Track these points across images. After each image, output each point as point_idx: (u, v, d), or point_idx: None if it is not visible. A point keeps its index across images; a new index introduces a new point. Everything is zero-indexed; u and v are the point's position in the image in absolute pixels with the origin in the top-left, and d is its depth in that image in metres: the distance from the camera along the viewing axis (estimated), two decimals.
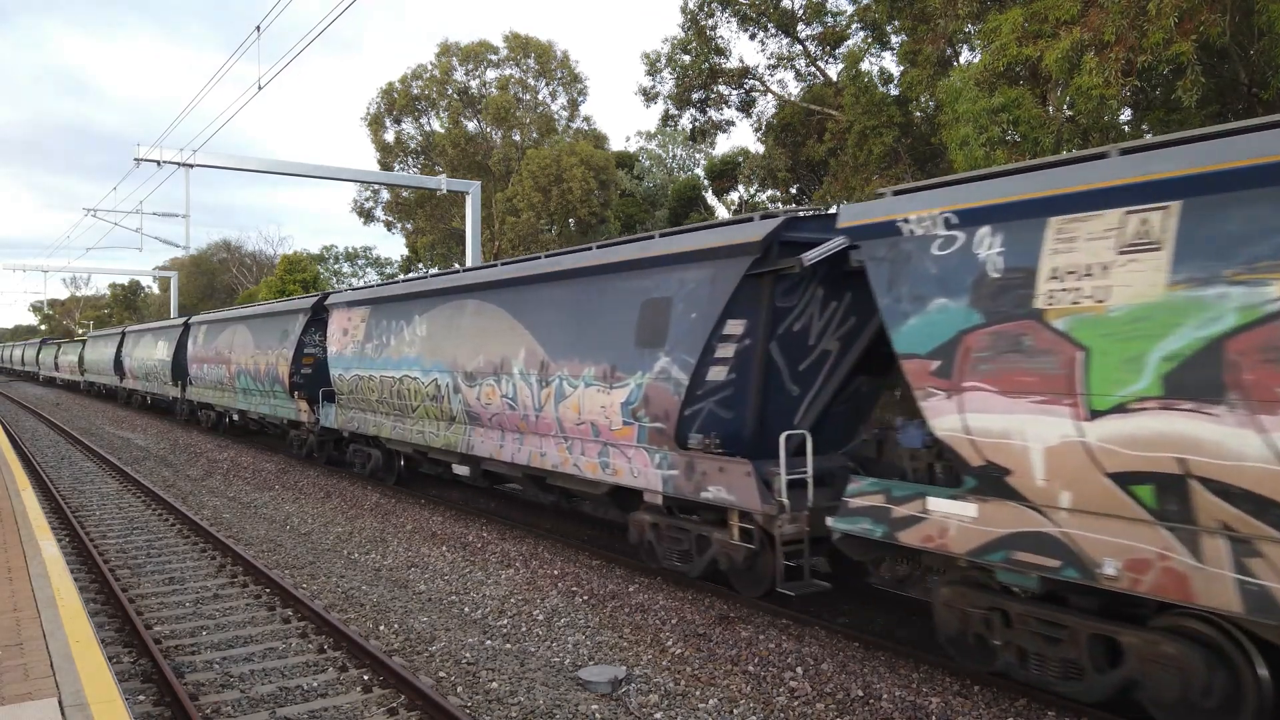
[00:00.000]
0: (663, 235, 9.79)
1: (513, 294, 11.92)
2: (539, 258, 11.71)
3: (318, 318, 19.09)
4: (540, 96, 40.13)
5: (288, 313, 20.59)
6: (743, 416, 9.12)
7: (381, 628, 8.55)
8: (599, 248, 10.72)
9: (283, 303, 21.97)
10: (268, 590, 9.65)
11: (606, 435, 10.14)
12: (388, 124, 41.02)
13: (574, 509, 13.91)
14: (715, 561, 9.16)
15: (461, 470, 13.70)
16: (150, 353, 32.65)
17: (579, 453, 10.68)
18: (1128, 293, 5.44)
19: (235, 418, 24.62)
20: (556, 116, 40.44)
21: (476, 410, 12.57)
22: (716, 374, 8.88)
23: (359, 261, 67.38)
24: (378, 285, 16.97)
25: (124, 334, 38.60)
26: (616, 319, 9.89)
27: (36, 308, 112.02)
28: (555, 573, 10.48)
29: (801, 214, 8.69)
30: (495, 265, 12.80)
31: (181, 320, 29.90)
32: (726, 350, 8.79)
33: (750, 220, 8.76)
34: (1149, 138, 6.19)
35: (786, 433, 8.36)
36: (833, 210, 8.88)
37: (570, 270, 10.83)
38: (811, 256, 8.13)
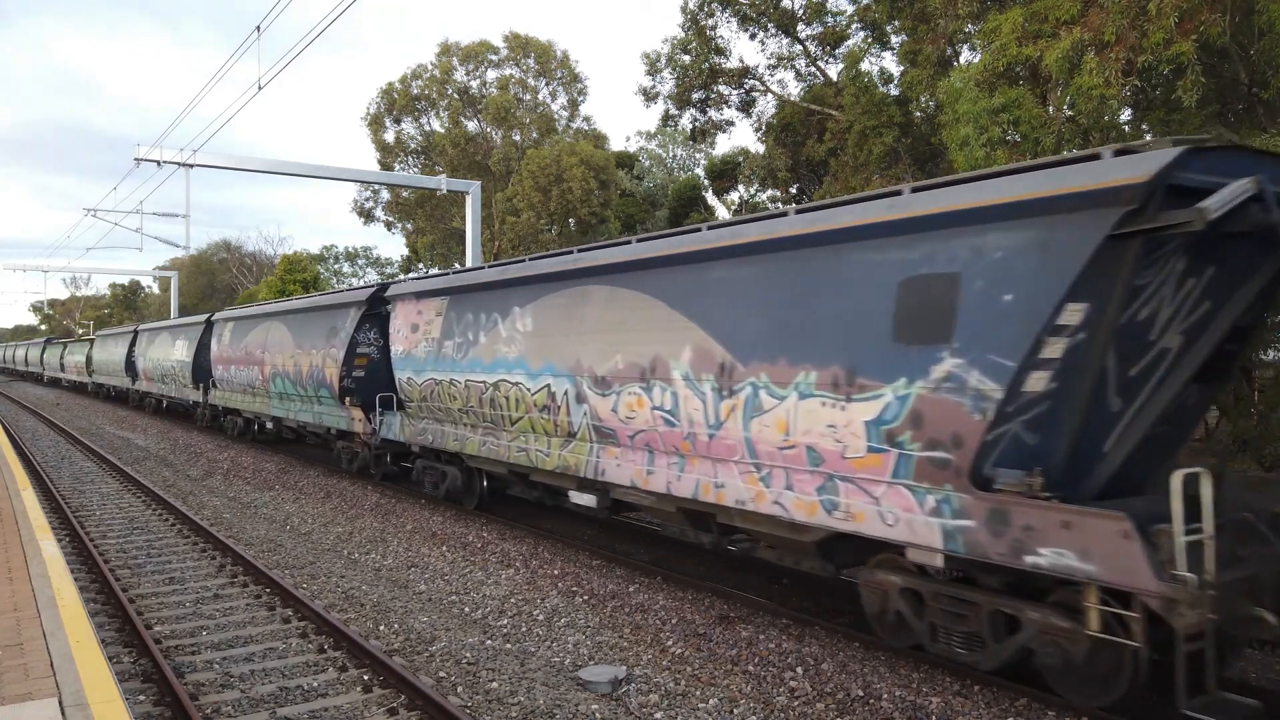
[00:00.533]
0: (941, 185, 6.95)
1: (669, 276, 9.26)
2: (700, 229, 9.10)
3: (374, 311, 16.67)
4: (540, 96, 40.15)
5: (337, 307, 17.84)
6: (1059, 442, 6.51)
7: (382, 628, 8.55)
8: (800, 213, 8.04)
9: (329, 295, 19.54)
10: (268, 590, 9.65)
11: (834, 464, 7.46)
12: (388, 124, 41.04)
13: (743, 557, 10.76)
14: (1029, 652, 6.63)
15: (583, 500, 10.99)
16: (167, 353, 30.55)
17: (782, 486, 7.96)
18: None
19: (268, 425, 22.38)
20: (556, 116, 40.46)
21: (611, 425, 10.05)
22: (1036, 383, 6.26)
23: (359, 261, 67.41)
24: (456, 271, 14.37)
25: (137, 332, 35.96)
26: (854, 306, 7.27)
27: (36, 308, 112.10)
28: (555, 573, 10.48)
29: (1207, 144, 5.99)
30: (632, 241, 10.06)
31: (204, 317, 27.60)
32: (1056, 348, 6.16)
33: (1099, 157, 6.02)
34: None
35: (1183, 471, 5.76)
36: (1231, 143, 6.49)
37: (770, 241, 8.14)
38: (1218, 205, 5.56)
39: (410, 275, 21.35)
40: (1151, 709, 6.06)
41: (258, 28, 16.28)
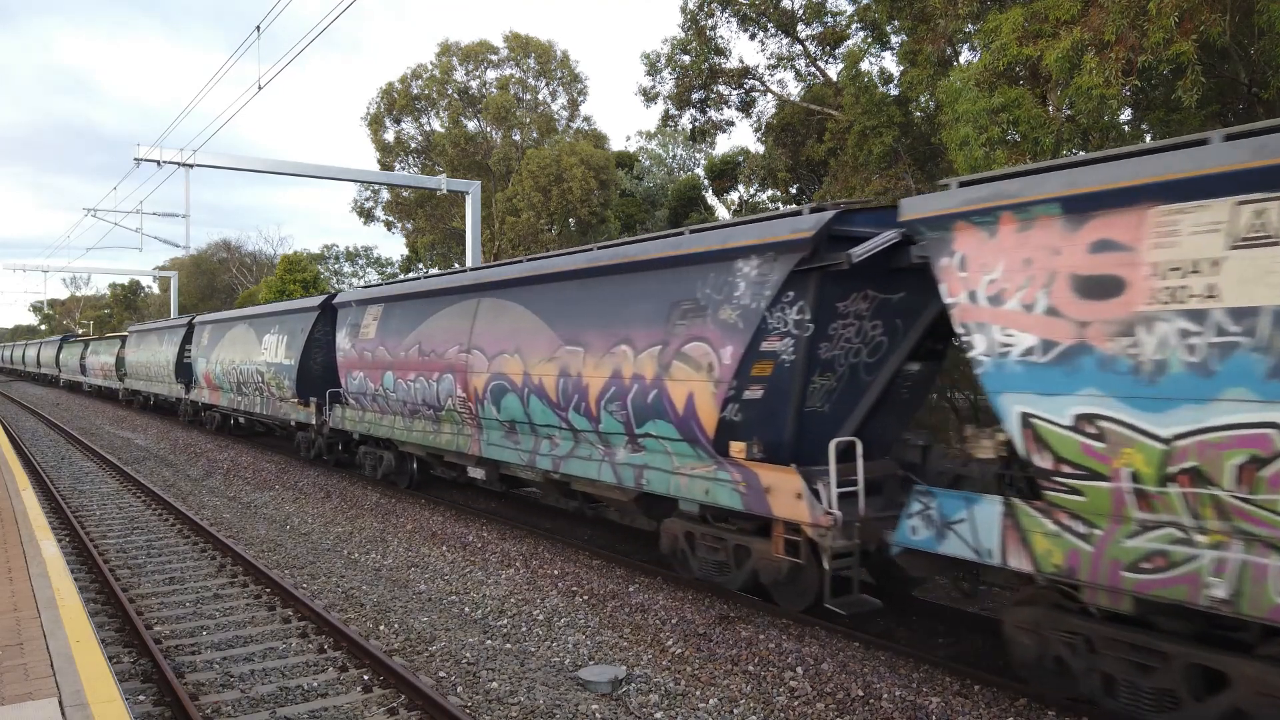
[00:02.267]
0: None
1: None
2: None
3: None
4: (540, 96, 40.14)
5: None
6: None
7: (382, 627, 8.55)
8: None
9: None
10: (268, 590, 9.65)
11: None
12: (388, 124, 41.03)
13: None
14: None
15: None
16: (246, 354, 22.18)
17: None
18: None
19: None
20: (556, 116, 40.45)
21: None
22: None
23: (359, 261, 67.41)
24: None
25: (192, 325, 28.02)
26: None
27: (36, 308, 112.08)
28: (555, 573, 10.47)
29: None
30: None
31: (315, 302, 19.75)
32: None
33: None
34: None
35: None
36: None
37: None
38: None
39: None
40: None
41: (258, 28, 16.28)
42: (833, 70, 25.00)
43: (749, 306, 8.28)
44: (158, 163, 21.98)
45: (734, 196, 37.62)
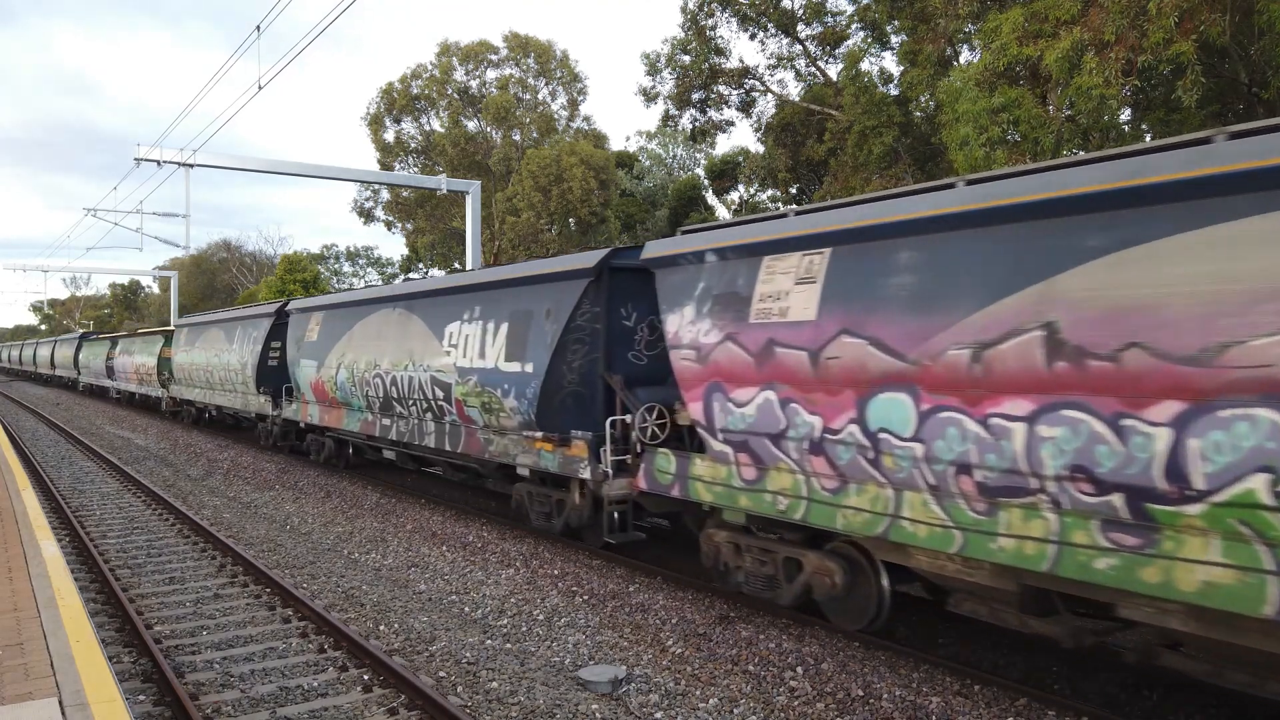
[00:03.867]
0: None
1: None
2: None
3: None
4: (540, 96, 40.15)
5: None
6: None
7: (382, 627, 8.55)
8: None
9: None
10: (268, 590, 9.65)
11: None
12: (388, 124, 41.06)
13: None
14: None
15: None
16: (406, 353, 14.39)
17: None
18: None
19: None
20: (556, 116, 40.46)
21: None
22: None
23: (359, 261, 67.43)
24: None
25: (285, 314, 20.68)
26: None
27: (36, 307, 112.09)
28: (555, 572, 10.48)
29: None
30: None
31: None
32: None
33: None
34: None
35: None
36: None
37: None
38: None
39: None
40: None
41: (258, 27, 16.29)
42: (833, 70, 25.01)
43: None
44: (158, 163, 21.99)
45: (734, 196, 37.64)
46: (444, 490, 16.56)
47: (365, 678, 7.13)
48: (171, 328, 33.19)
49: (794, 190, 29.45)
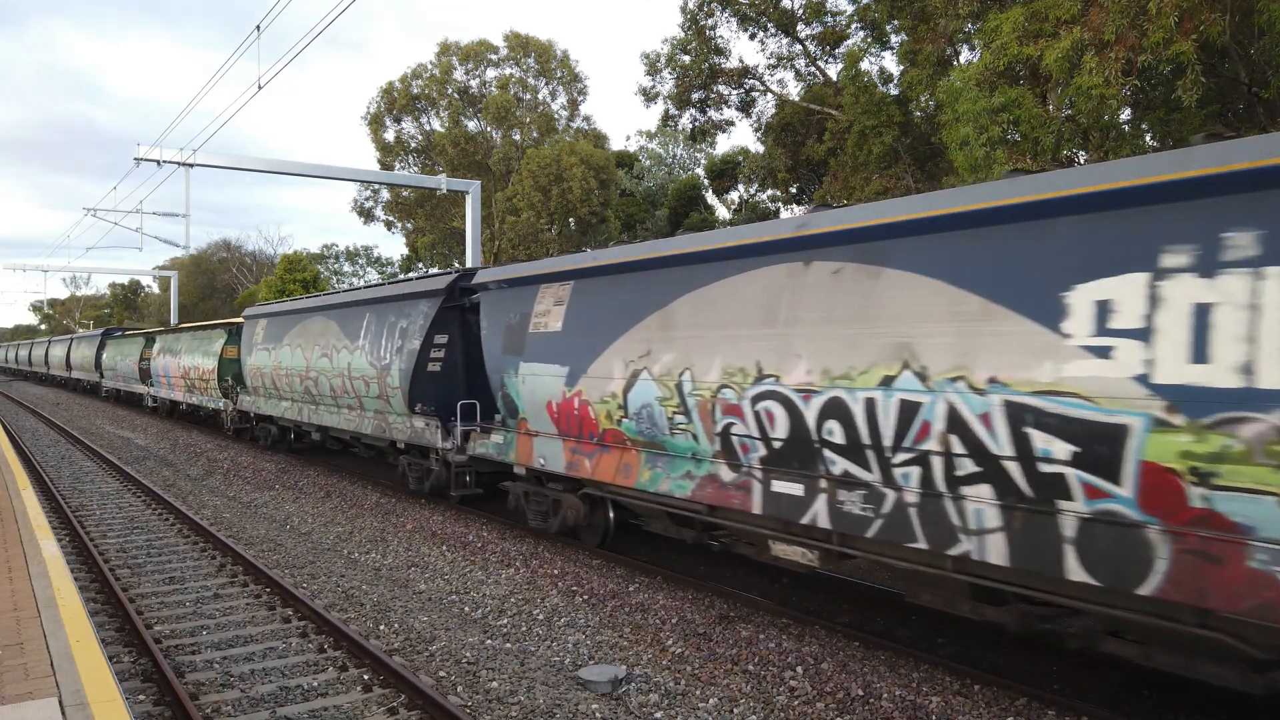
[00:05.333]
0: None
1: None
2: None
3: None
4: (540, 96, 40.14)
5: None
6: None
7: (381, 627, 8.55)
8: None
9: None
10: (268, 590, 9.65)
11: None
12: (388, 123, 41.05)
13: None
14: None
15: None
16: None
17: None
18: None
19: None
20: (556, 116, 40.45)
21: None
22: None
23: (359, 261, 67.40)
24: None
25: (470, 291, 13.71)
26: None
27: (36, 307, 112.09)
28: (555, 572, 10.48)
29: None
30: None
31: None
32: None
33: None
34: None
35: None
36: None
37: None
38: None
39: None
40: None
41: (258, 27, 16.29)
42: (833, 70, 25.01)
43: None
44: (158, 162, 21.99)
45: (734, 196, 37.64)
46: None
47: (365, 677, 7.14)
48: (238, 319, 25.05)
49: (794, 190, 29.44)
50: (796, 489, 7.72)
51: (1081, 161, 14.53)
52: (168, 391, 30.58)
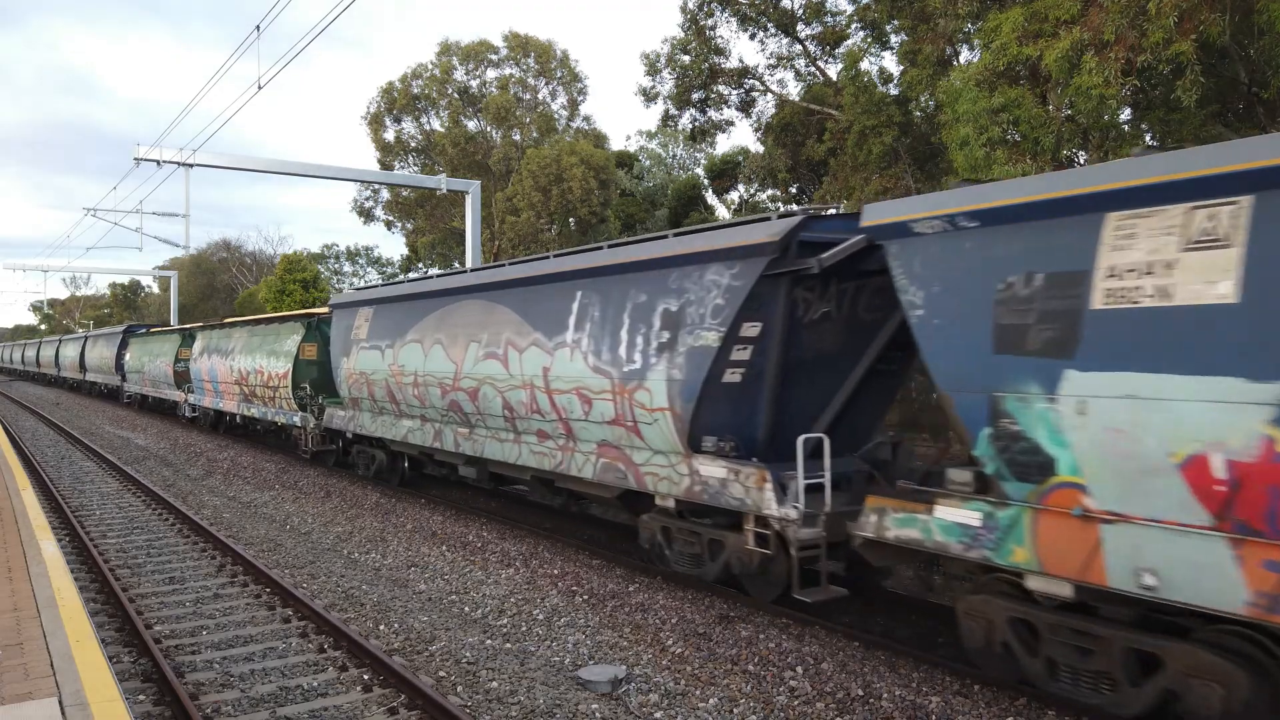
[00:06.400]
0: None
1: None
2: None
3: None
4: (540, 96, 40.13)
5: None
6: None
7: (381, 627, 8.55)
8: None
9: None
10: (268, 590, 9.65)
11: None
12: (388, 123, 41.03)
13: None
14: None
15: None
16: None
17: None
18: None
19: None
20: (556, 116, 40.44)
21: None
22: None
23: (359, 261, 67.36)
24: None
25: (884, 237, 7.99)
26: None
27: (36, 307, 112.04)
28: (555, 572, 10.48)
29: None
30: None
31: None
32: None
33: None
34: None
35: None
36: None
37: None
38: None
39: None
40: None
41: (257, 27, 16.28)
42: (833, 70, 25.00)
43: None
44: (158, 162, 21.98)
45: (734, 196, 37.63)
46: (445, 490, 16.54)
47: (365, 677, 7.14)
48: (318, 310, 21.06)
49: (794, 190, 29.44)
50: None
51: (1082, 163, 14.54)
52: (213, 400, 25.44)
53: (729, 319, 8.49)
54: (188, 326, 32.03)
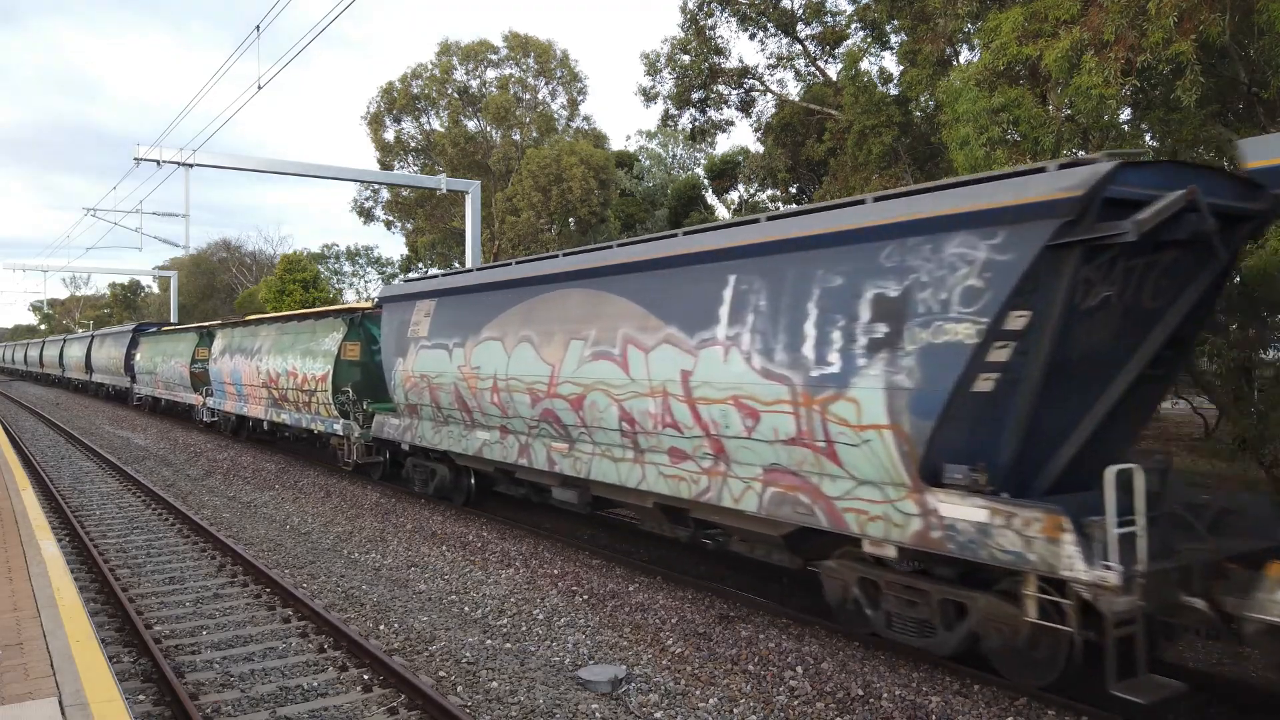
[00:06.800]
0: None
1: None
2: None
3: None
4: (540, 96, 40.13)
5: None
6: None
7: (381, 627, 8.55)
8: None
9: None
10: (268, 590, 9.65)
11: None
12: (388, 123, 41.02)
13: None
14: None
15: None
16: None
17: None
18: None
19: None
20: (556, 116, 40.44)
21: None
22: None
23: (359, 261, 67.35)
24: (204, 325, 28.75)
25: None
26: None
27: (36, 307, 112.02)
28: (555, 572, 10.48)
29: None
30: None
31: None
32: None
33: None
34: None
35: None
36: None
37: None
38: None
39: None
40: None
41: (257, 27, 16.28)
42: (832, 70, 25.00)
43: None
44: (157, 162, 21.97)
45: (734, 196, 37.63)
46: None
47: (365, 677, 7.14)
48: (359, 305, 19.00)
49: (794, 190, 29.45)
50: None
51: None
52: (236, 404, 23.33)
53: (993, 306, 6.19)
54: (206, 324, 29.26)
